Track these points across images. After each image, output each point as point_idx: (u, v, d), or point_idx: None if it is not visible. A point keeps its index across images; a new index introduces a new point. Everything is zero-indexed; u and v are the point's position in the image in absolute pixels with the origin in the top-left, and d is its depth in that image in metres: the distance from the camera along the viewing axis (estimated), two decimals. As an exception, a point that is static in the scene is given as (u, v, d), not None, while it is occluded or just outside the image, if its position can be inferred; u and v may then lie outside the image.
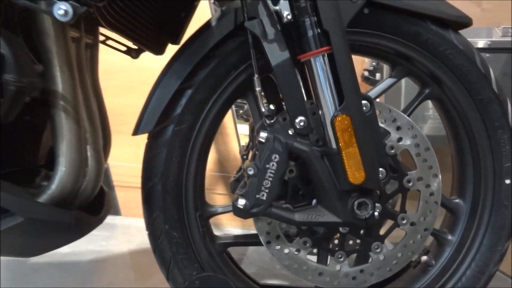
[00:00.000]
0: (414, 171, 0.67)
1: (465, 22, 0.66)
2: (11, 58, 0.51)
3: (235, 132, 1.49)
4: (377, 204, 0.63)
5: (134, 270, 1.14)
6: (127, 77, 0.81)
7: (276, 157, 0.59)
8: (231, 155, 1.52)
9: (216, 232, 0.74)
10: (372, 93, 0.70)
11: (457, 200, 0.75)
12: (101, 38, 0.81)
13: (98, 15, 0.59)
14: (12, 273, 1.04)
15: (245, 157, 0.76)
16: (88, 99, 0.70)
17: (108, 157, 0.79)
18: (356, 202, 0.60)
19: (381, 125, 0.64)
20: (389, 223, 0.69)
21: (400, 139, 0.65)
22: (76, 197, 0.65)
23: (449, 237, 0.75)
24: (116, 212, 1.58)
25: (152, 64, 0.78)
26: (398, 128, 0.65)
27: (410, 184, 0.67)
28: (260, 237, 0.66)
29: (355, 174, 0.57)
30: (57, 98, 0.60)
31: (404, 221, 0.68)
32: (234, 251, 0.77)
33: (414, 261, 0.73)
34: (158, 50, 0.79)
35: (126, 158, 1.47)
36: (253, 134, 0.74)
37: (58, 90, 0.60)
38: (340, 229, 0.66)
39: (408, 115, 0.70)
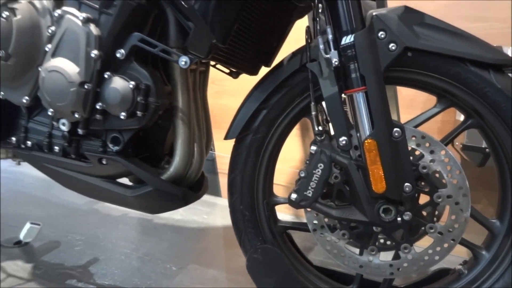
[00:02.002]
0: (445, 189, 0.79)
1: (505, 62, 0.74)
2: (153, 87, 0.81)
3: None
4: (407, 212, 0.78)
5: (224, 240, 1.43)
6: (233, 85, 1.06)
7: (321, 165, 0.79)
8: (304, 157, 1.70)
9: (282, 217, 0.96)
10: (416, 120, 0.83)
11: (494, 221, 0.84)
12: (212, 62, 1.09)
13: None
14: (141, 228, 1.42)
15: (307, 161, 0.96)
16: (197, 111, 0.98)
17: (208, 152, 1.08)
18: (382, 207, 0.76)
19: (417, 148, 0.78)
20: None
21: (432, 161, 0.78)
22: (185, 178, 0.95)
23: (483, 252, 0.84)
24: (218, 193, 1.91)
25: (249, 77, 1.02)
26: (432, 152, 0.78)
27: (440, 200, 0.79)
28: (308, 225, 0.86)
29: (378, 185, 0.73)
30: (178, 111, 0.89)
31: (432, 230, 0.80)
32: (308, 240, 0.96)
33: (453, 269, 0.85)
34: (253, 72, 1.02)
35: (226, 150, 1.78)
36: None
37: (179, 106, 0.89)
38: (374, 228, 0.82)
39: (450, 141, 0.82)
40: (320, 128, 0.79)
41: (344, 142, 0.77)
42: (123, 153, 0.87)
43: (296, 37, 0.98)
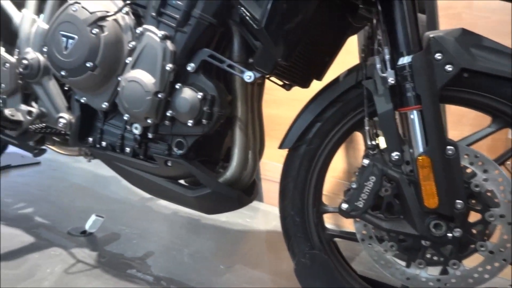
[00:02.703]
0: (497, 208, 0.80)
1: None
2: (218, 98, 0.88)
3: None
4: (457, 228, 0.79)
5: (267, 244, 1.48)
6: (281, 94, 1.11)
7: (373, 178, 0.82)
8: (358, 166, 1.73)
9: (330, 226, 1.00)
10: (469, 139, 0.85)
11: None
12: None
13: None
14: (190, 226, 1.51)
15: (356, 173, 1.00)
16: (253, 120, 1.05)
17: (261, 158, 1.14)
18: (432, 222, 0.79)
19: (469, 166, 0.80)
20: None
21: (485, 180, 0.80)
22: (239, 182, 1.02)
23: (535, 274, 0.84)
24: (260, 199, 1.98)
25: (296, 88, 1.08)
26: (485, 171, 0.80)
27: (492, 219, 0.80)
28: (357, 235, 0.90)
29: (430, 200, 0.76)
30: (236, 120, 0.96)
31: (483, 248, 0.81)
32: (349, 250, 1.00)
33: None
34: (305, 84, 1.07)
35: (273, 158, 1.84)
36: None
37: (238, 115, 0.96)
38: (422, 242, 0.85)
39: (505, 161, 0.83)
40: (373, 142, 0.83)
41: (396, 157, 0.81)
42: (186, 157, 0.95)
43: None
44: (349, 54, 1.41)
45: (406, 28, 0.77)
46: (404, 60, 0.77)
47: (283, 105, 1.75)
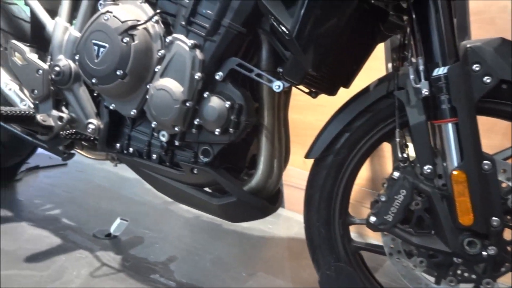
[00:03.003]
0: (535, 227, 0.76)
1: None
2: (245, 106, 0.88)
3: (391, 156, 1.67)
4: (492, 246, 0.76)
5: (289, 251, 1.47)
6: (304, 99, 1.09)
7: (403, 191, 0.80)
8: (384, 175, 1.70)
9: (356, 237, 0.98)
10: (506, 152, 0.81)
11: None
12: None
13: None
14: (212, 231, 1.51)
15: (384, 185, 0.98)
16: (279, 128, 1.04)
17: (286, 166, 1.13)
18: (466, 240, 0.76)
19: (506, 182, 0.77)
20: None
21: (524, 197, 0.76)
22: (264, 191, 1.01)
23: None
24: (282, 204, 1.97)
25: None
26: (524, 187, 0.76)
27: (529, 238, 0.76)
28: (385, 248, 0.88)
29: (465, 217, 0.73)
30: (263, 128, 0.95)
31: (519, 268, 0.78)
32: (372, 260, 0.98)
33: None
34: (332, 92, 1.06)
35: (296, 164, 1.82)
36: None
37: (264, 124, 0.95)
38: (454, 259, 0.82)
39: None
40: (404, 155, 0.81)
41: (429, 170, 0.78)
42: (212, 165, 0.95)
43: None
44: (376, 60, 1.39)
45: (442, 37, 0.75)
46: (440, 71, 0.74)
47: (306, 110, 1.74)
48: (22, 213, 1.37)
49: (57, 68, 1.01)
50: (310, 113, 1.76)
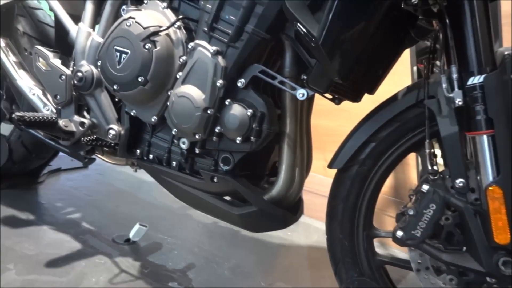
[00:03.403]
0: None
1: None
2: (267, 115, 0.85)
3: (415, 163, 1.61)
4: (528, 267, 0.71)
5: (308, 260, 1.43)
6: (324, 103, 1.06)
7: (433, 206, 0.76)
8: (407, 183, 1.64)
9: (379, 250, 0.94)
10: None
11: None
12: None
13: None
14: (230, 238, 1.49)
15: (411, 196, 0.94)
16: (301, 135, 1.01)
17: (308, 175, 1.10)
18: (502, 259, 0.71)
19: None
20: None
21: None
22: (284, 200, 0.98)
23: None
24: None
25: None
26: None
27: None
28: (412, 264, 0.83)
29: (500, 236, 0.68)
30: (285, 136, 0.92)
31: (559, 291, 0.73)
32: (395, 271, 0.95)
33: None
34: (356, 99, 1.02)
35: (316, 169, 1.79)
36: (421, 179, 0.90)
37: (286, 131, 0.92)
38: (487, 278, 0.77)
39: None
40: (435, 167, 0.77)
41: (461, 184, 0.74)
42: (232, 173, 0.93)
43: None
44: (401, 65, 1.34)
45: (478, 44, 0.71)
46: (475, 80, 0.70)
47: (326, 115, 1.70)
48: (44, 216, 1.38)
49: (79, 74, 1.01)
50: (332, 118, 1.72)
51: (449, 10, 0.75)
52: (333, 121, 1.72)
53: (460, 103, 0.71)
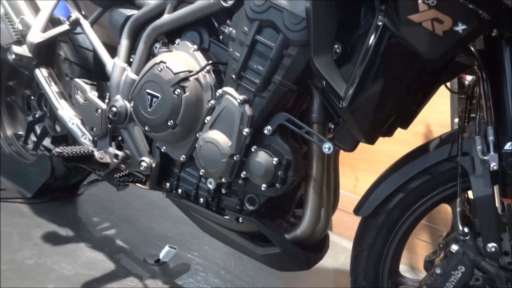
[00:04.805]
0: None
1: None
2: (293, 162, 0.85)
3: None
4: None
5: (335, 285, 1.42)
6: None
7: (462, 268, 0.74)
8: (442, 209, 1.58)
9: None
10: None
11: None
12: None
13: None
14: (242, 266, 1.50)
15: (440, 245, 0.90)
16: (329, 176, 1.00)
17: (334, 212, 1.09)
18: (534, 331, 0.68)
19: None
20: None
21: None
22: (310, 239, 0.98)
23: None
24: (329, 227, 1.92)
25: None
26: None
27: None
28: (439, 319, 0.81)
29: (534, 312, 0.65)
30: (311, 179, 0.92)
31: None
32: None
33: None
34: (389, 133, 1.00)
35: (345, 187, 1.77)
36: (450, 237, 0.87)
37: (313, 175, 0.92)
38: None
39: None
40: (466, 229, 0.74)
41: (494, 249, 0.71)
42: (258, 213, 0.94)
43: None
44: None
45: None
46: (512, 146, 0.66)
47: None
48: (82, 232, 1.46)
49: (114, 109, 1.05)
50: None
51: (486, 59, 0.71)
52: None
53: (495, 167, 0.68)
